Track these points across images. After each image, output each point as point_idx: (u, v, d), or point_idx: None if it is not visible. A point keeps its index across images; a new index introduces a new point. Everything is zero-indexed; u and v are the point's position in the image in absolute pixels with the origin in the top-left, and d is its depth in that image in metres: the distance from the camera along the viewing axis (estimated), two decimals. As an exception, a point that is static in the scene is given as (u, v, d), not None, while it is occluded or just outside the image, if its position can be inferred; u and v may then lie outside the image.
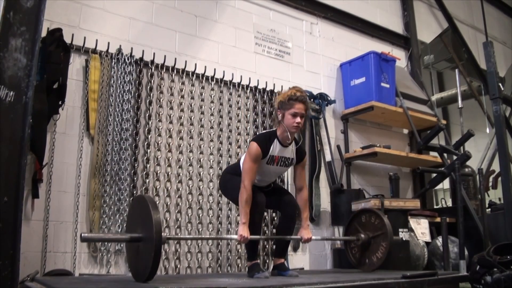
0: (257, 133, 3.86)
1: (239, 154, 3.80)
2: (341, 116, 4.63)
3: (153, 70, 3.53)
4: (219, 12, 4.07)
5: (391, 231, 3.12)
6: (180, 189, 3.49)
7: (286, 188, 3.81)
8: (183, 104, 3.64)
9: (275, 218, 3.84)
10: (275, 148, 2.80)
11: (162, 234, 2.23)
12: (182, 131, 3.59)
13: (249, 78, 4.02)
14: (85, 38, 3.25)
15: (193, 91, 3.72)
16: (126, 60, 3.40)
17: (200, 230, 3.50)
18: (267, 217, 3.81)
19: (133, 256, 2.42)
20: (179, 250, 3.39)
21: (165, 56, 3.59)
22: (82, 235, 2.25)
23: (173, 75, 3.63)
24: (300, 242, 3.12)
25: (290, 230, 2.95)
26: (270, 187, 2.99)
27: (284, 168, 2.93)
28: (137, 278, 2.32)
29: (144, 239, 2.26)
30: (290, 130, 2.77)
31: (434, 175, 4.58)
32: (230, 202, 3.66)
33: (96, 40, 3.30)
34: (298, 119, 2.75)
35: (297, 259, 4.01)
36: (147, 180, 3.35)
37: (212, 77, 3.82)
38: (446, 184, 5.26)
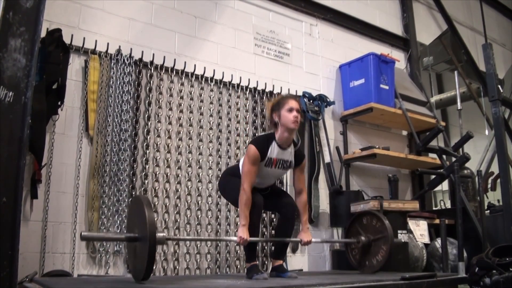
0: (256, 135, 3.86)
1: (238, 155, 3.80)
2: (340, 118, 4.63)
3: (152, 71, 3.53)
4: (219, 13, 4.07)
5: (392, 234, 3.12)
6: (179, 190, 3.48)
7: (285, 190, 3.82)
8: (182, 105, 3.64)
9: (274, 220, 3.84)
10: (273, 151, 2.80)
11: (161, 234, 2.30)
12: (181, 132, 3.59)
13: (249, 79, 4.03)
14: (84, 38, 3.25)
15: (192, 92, 3.72)
16: (126, 60, 3.39)
17: (199, 231, 3.50)
18: (266, 219, 3.81)
19: (132, 255, 2.46)
20: (177, 251, 3.38)
21: (164, 57, 3.59)
22: (82, 233, 2.31)
23: (173, 76, 3.63)
24: (300, 244, 3.11)
25: (288, 232, 2.95)
26: (268, 190, 2.99)
27: (282, 171, 2.92)
28: (136, 277, 2.36)
29: (140, 238, 2.29)
30: (290, 126, 2.75)
31: (433, 176, 4.58)
32: (229, 203, 3.66)
33: (96, 41, 3.30)
34: (295, 113, 2.75)
35: (296, 261, 4.01)
36: (146, 181, 3.35)
37: (212, 78, 3.82)
38: (445, 185, 5.26)
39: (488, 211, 4.40)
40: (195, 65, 3.74)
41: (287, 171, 3.00)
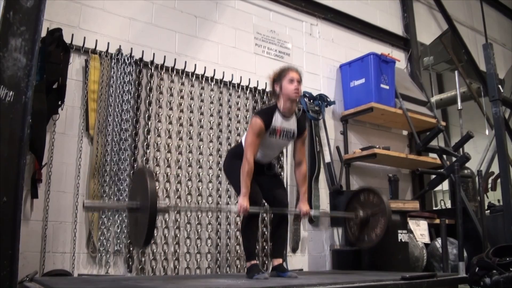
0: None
1: (239, 155, 3.80)
2: (340, 117, 4.63)
3: (152, 71, 3.53)
4: (219, 13, 4.07)
5: (389, 207, 3.17)
6: (180, 189, 3.48)
7: (285, 189, 3.81)
8: (182, 104, 3.64)
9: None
10: (277, 120, 2.85)
11: (163, 202, 2.46)
12: (181, 132, 3.59)
13: (249, 79, 4.03)
14: (84, 38, 3.25)
15: (192, 92, 3.72)
16: (126, 60, 3.39)
17: (199, 230, 3.50)
18: (266, 219, 3.81)
19: (133, 226, 2.57)
20: (178, 250, 3.38)
21: (164, 56, 3.59)
22: (85, 202, 2.45)
23: (173, 75, 3.63)
24: (300, 216, 3.13)
25: (283, 230, 3.00)
26: (271, 172, 3.02)
27: (286, 141, 2.97)
28: (136, 244, 2.52)
29: (141, 207, 2.37)
30: (291, 97, 2.82)
31: (433, 176, 4.58)
32: (229, 203, 3.66)
33: (96, 40, 3.30)
34: (296, 84, 2.83)
35: (296, 260, 4.01)
36: (146, 181, 3.35)
37: (212, 78, 3.82)
38: (445, 185, 5.27)
39: (488, 211, 4.41)
40: (195, 65, 3.74)
41: (290, 142, 3.04)
